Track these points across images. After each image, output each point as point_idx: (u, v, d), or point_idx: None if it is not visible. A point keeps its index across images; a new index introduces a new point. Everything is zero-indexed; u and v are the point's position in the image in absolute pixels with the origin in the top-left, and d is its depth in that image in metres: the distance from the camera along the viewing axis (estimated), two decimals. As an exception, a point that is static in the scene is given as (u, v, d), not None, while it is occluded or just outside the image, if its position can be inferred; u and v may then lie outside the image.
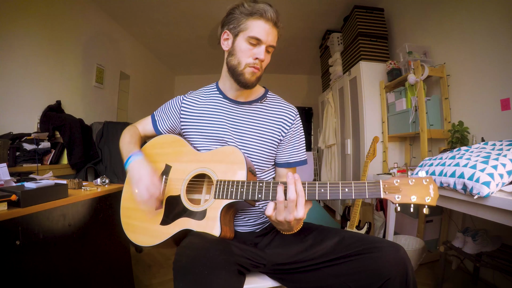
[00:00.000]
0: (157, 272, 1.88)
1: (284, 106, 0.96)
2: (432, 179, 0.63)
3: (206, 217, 0.77)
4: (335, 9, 3.09)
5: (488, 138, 1.61)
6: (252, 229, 0.90)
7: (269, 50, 0.86)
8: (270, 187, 0.72)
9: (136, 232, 0.85)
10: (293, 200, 0.67)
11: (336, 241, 0.75)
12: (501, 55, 1.61)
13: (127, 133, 0.98)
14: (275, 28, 0.84)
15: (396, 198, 0.63)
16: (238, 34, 0.84)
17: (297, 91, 5.46)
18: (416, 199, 0.62)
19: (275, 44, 0.86)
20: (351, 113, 2.82)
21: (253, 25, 0.82)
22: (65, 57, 2.55)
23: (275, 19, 0.83)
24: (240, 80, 0.86)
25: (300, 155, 0.97)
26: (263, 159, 0.92)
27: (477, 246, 1.37)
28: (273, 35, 0.84)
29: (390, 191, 0.64)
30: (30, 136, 1.90)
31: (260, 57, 0.83)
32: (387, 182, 0.64)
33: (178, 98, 1.00)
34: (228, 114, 0.92)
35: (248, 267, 0.77)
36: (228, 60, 0.88)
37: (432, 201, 0.61)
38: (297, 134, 0.96)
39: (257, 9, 0.81)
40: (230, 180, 0.77)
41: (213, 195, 0.78)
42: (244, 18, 0.82)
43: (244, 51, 0.83)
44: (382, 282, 0.64)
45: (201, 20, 3.34)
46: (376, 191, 0.64)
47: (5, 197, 0.82)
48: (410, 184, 0.63)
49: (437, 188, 0.62)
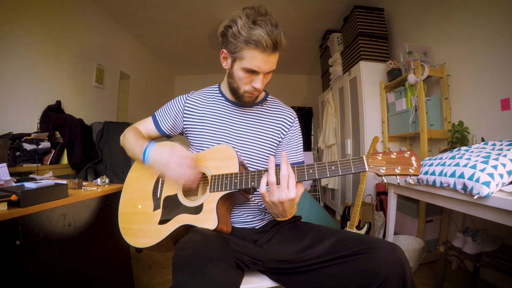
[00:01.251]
0: (157, 272, 1.88)
1: (283, 109, 0.99)
2: (413, 152, 0.68)
3: (203, 211, 0.78)
4: (335, 9, 3.09)
5: (488, 138, 1.61)
6: (251, 226, 0.91)
7: (268, 73, 0.84)
8: (262, 175, 0.74)
9: (136, 235, 0.85)
10: (285, 176, 0.69)
11: (334, 241, 0.75)
12: (501, 55, 1.61)
13: (130, 133, 0.95)
14: (274, 54, 0.79)
15: (381, 170, 0.66)
16: (235, 60, 0.82)
17: (297, 91, 5.46)
18: (400, 170, 0.66)
19: (275, 67, 0.83)
20: (351, 113, 2.82)
21: (249, 56, 0.78)
22: (65, 57, 2.55)
23: (273, 46, 0.76)
24: (240, 100, 0.90)
25: (298, 156, 0.98)
26: (264, 159, 0.93)
27: (477, 246, 1.37)
28: (272, 61, 0.81)
29: (374, 164, 0.67)
30: (30, 136, 1.90)
31: (257, 87, 0.83)
32: (370, 157, 0.68)
33: (181, 97, 0.99)
34: (230, 117, 0.94)
35: (247, 263, 0.77)
36: (229, 81, 0.89)
37: (415, 170, 0.65)
38: (295, 135, 0.98)
39: (253, 38, 0.74)
40: (224, 174, 0.79)
41: (209, 189, 0.80)
42: (240, 45, 0.77)
43: (241, 79, 0.83)
44: (380, 283, 0.64)
45: (201, 20, 3.34)
46: (361, 165, 0.67)
47: (5, 197, 0.82)
48: (392, 157, 0.67)
49: (419, 159, 0.66)
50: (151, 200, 0.87)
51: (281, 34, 0.77)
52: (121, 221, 0.90)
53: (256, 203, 0.93)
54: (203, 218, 0.77)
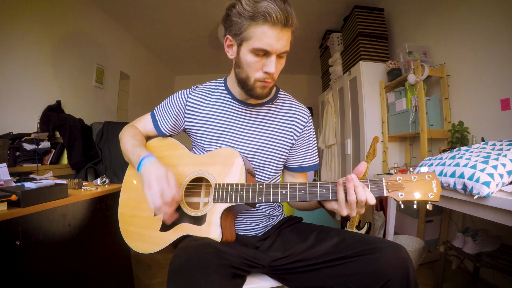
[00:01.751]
0: (157, 272, 1.88)
1: (296, 107, 0.90)
2: (435, 174, 0.62)
3: (206, 222, 0.75)
4: (335, 9, 3.09)
5: (488, 138, 1.61)
6: (255, 233, 0.88)
7: (281, 56, 0.74)
8: (270, 189, 0.70)
9: (136, 239, 0.83)
10: (361, 200, 0.62)
11: (337, 241, 0.74)
12: (501, 55, 1.61)
13: (128, 134, 0.89)
14: (285, 29, 0.69)
15: (399, 195, 0.62)
16: (241, 44, 0.72)
17: (297, 91, 5.45)
18: (419, 196, 0.61)
19: (289, 48, 0.73)
20: (351, 113, 2.81)
21: (257, 34, 0.68)
22: (65, 57, 2.55)
23: (284, 19, 0.66)
24: (251, 94, 0.78)
25: (314, 159, 0.93)
26: (274, 165, 0.88)
27: (477, 246, 1.37)
28: (285, 39, 0.70)
29: (393, 188, 0.63)
30: (30, 136, 1.90)
31: (271, 71, 0.71)
32: (390, 180, 0.63)
33: (183, 93, 0.90)
34: (237, 117, 0.86)
35: (246, 269, 0.75)
36: (236, 71, 0.78)
37: (435, 197, 0.60)
38: (310, 137, 0.92)
39: (259, 10, 0.65)
40: (229, 184, 0.74)
41: (212, 199, 0.76)
42: (246, 23, 0.68)
43: (251, 65, 0.72)
44: (383, 283, 0.63)
45: (201, 20, 3.34)
46: (379, 189, 0.63)
47: (5, 197, 0.82)
48: (413, 181, 0.62)
49: (439, 183, 0.61)
50: None
51: (292, 9, 0.68)
52: (121, 222, 0.88)
53: (262, 210, 0.89)
54: (206, 229, 0.74)
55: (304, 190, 0.68)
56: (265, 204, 0.90)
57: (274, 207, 0.94)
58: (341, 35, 3.18)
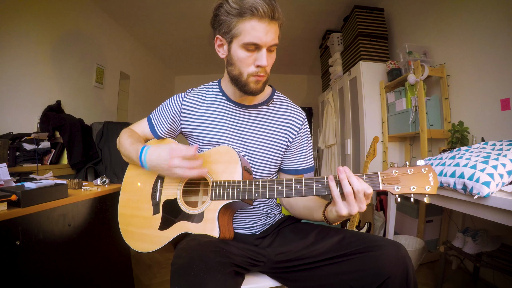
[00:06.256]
0: (157, 272, 1.88)
1: (291, 109, 0.91)
2: (431, 167, 0.62)
3: (204, 219, 0.76)
4: (335, 9, 3.09)
5: (488, 138, 1.61)
6: (253, 231, 0.89)
7: (271, 49, 0.76)
8: (266, 185, 0.72)
9: (136, 239, 0.84)
10: (359, 191, 0.61)
11: (337, 239, 0.74)
12: (501, 55, 1.61)
13: (125, 135, 0.90)
14: (273, 22, 0.71)
15: (395, 189, 0.62)
16: (232, 41, 0.74)
17: (297, 91, 5.46)
18: (416, 189, 0.61)
19: (278, 41, 0.75)
20: (351, 113, 2.81)
21: (246, 28, 0.70)
22: (65, 57, 2.55)
23: (271, 12, 0.69)
24: (245, 90, 0.79)
25: (309, 161, 0.93)
26: (268, 167, 0.89)
27: (477, 246, 1.37)
28: (273, 32, 0.72)
29: (389, 182, 0.63)
30: (30, 136, 1.90)
31: (263, 64, 0.73)
32: (386, 173, 0.63)
33: (178, 97, 0.92)
34: (231, 119, 0.87)
35: (247, 267, 0.75)
36: (229, 69, 0.80)
37: (432, 189, 0.60)
38: (305, 139, 0.92)
39: (246, 6, 0.68)
40: (226, 181, 0.75)
41: (209, 197, 0.77)
42: (234, 20, 0.71)
43: (243, 60, 0.74)
44: (383, 281, 0.63)
45: (201, 20, 3.34)
46: (374, 182, 0.63)
47: (5, 197, 0.82)
48: (409, 174, 0.62)
49: (436, 176, 0.61)
50: (150, 203, 0.85)
51: (277, 4, 0.71)
52: (121, 222, 0.89)
53: (259, 208, 0.90)
54: (204, 227, 0.75)
55: (299, 185, 0.68)
56: (262, 203, 0.91)
57: (271, 206, 0.94)
58: (341, 35, 3.18)
